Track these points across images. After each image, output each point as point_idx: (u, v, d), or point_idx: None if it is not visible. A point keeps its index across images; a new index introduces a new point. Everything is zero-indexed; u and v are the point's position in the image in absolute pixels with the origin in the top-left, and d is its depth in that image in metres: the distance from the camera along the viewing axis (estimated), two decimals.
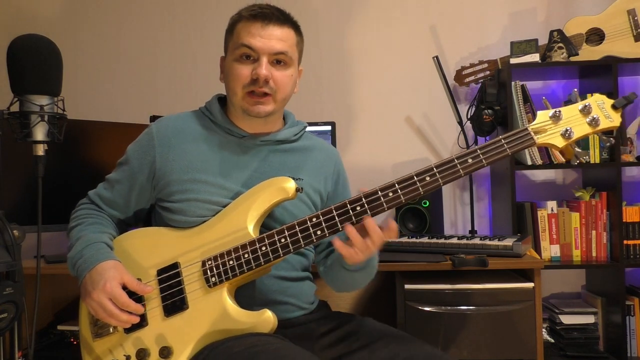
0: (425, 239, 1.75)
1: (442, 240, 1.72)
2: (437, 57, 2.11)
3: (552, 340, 1.99)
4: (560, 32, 2.02)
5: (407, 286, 1.60)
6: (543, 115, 1.04)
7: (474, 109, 2.14)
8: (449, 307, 1.58)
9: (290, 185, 1.10)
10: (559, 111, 1.03)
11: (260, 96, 1.17)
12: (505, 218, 2.04)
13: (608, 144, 1.07)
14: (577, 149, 1.07)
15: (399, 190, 1.04)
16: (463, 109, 2.25)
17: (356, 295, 2.03)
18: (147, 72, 2.42)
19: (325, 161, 1.31)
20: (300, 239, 1.05)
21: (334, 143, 2.07)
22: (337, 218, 1.04)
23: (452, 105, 2.14)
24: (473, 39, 2.31)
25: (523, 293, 1.57)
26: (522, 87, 2.01)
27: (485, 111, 2.04)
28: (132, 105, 2.39)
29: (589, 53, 2.07)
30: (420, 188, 1.03)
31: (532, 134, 1.03)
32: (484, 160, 1.02)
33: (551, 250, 2.02)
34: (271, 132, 1.25)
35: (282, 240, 1.06)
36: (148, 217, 1.30)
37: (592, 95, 1.07)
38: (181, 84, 2.40)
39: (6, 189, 1.72)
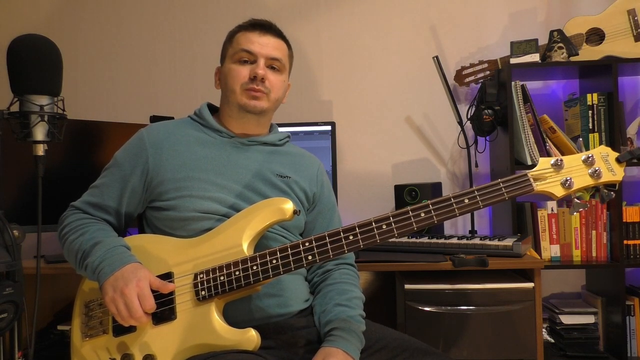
0: (425, 239, 1.75)
1: (442, 240, 1.72)
2: (437, 57, 2.11)
3: (552, 340, 1.99)
4: (560, 32, 2.02)
5: (407, 286, 1.60)
6: (545, 163, 1.03)
7: (474, 109, 2.14)
8: (449, 307, 1.58)
9: (288, 206, 1.12)
10: (561, 160, 1.02)
11: (257, 92, 1.26)
12: (505, 218, 2.04)
13: (608, 199, 1.03)
14: (575, 200, 1.04)
15: (393, 224, 1.05)
16: (463, 109, 2.25)
17: None
18: (147, 72, 2.42)
19: (308, 165, 1.37)
20: (291, 262, 1.07)
21: (334, 143, 2.07)
22: (329, 245, 1.06)
23: (452, 105, 2.14)
24: (473, 39, 2.31)
25: (523, 293, 1.57)
26: (522, 87, 2.01)
27: (485, 111, 2.04)
28: (132, 105, 2.40)
29: (589, 53, 2.07)
30: (414, 223, 1.04)
31: (532, 180, 1.03)
32: (480, 202, 1.04)
33: (551, 250, 2.02)
34: (259, 134, 1.33)
35: (274, 261, 1.07)
36: (140, 224, 1.31)
37: (596, 146, 1.06)
38: (181, 84, 2.40)
39: (6, 189, 1.72)
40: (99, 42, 2.43)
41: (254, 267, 1.07)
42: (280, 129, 1.40)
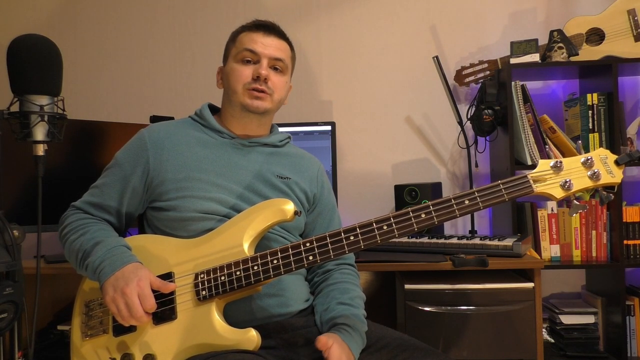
0: (425, 239, 1.75)
1: (442, 240, 1.72)
2: (437, 57, 2.11)
3: (552, 340, 1.99)
4: (560, 32, 2.02)
5: (407, 286, 1.60)
6: (544, 165, 1.05)
7: (474, 109, 2.14)
8: (449, 307, 1.58)
9: (289, 207, 1.12)
10: (560, 162, 1.04)
11: (260, 93, 1.26)
12: (506, 218, 2.04)
13: (607, 201, 1.05)
14: (575, 202, 1.06)
15: (394, 225, 1.05)
16: (463, 109, 2.25)
17: None
18: (147, 72, 2.42)
19: (308, 166, 1.37)
20: (292, 262, 1.07)
21: (334, 143, 2.07)
22: (330, 245, 1.07)
23: (452, 105, 2.14)
24: (473, 39, 2.31)
25: (523, 293, 1.57)
26: (522, 87, 2.01)
27: (485, 111, 2.04)
28: (132, 105, 2.40)
29: (589, 53, 2.07)
30: (414, 224, 1.05)
31: (532, 182, 1.04)
32: (480, 204, 1.04)
33: (551, 250, 2.02)
34: (260, 135, 1.33)
35: (275, 261, 1.07)
36: (141, 224, 1.31)
37: (596, 146, 1.06)
38: (181, 84, 2.40)
39: (6, 189, 1.72)
40: (99, 42, 2.43)
41: (255, 267, 1.07)
42: (280, 129, 1.41)
